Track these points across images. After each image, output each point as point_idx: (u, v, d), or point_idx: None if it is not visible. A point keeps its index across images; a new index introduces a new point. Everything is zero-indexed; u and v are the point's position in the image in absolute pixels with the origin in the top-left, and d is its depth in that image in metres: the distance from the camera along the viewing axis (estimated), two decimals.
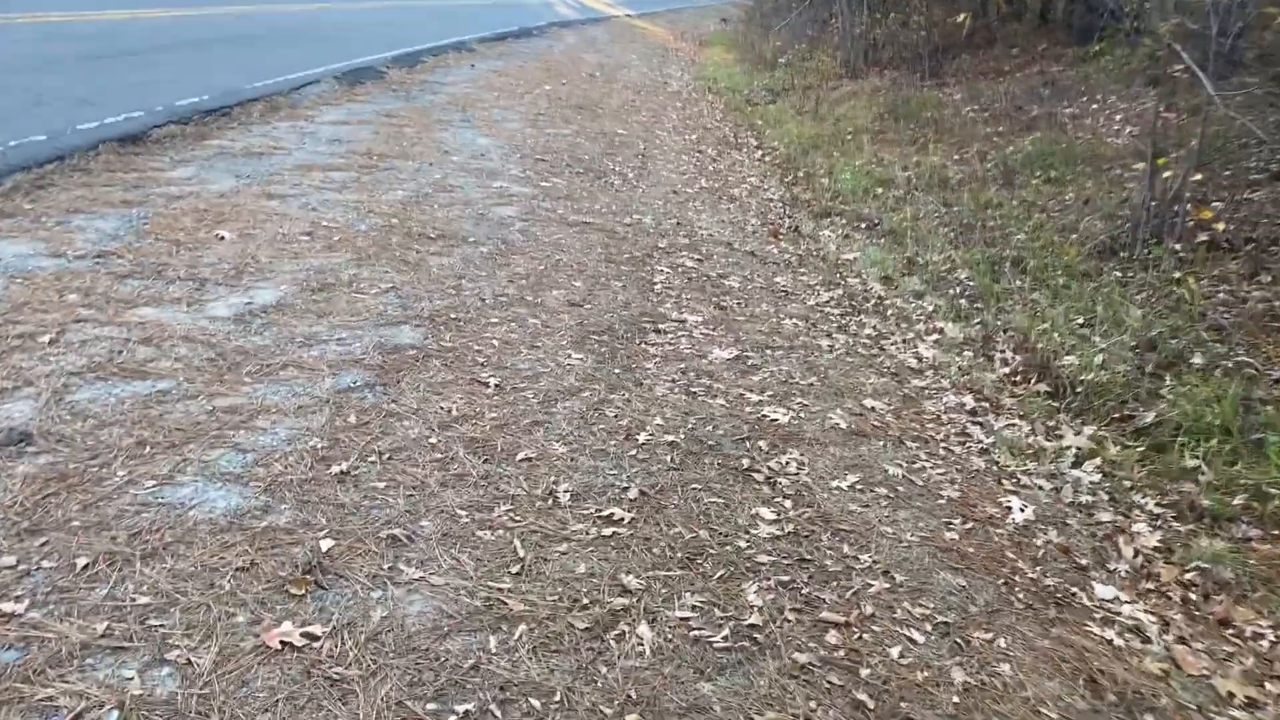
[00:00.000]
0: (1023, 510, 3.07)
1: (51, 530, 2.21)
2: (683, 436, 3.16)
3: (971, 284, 5.79)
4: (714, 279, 5.15)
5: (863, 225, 7.28)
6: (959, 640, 2.32)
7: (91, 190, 5.01)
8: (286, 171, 5.97)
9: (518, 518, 2.54)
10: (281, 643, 1.94)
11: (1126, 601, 2.66)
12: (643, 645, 2.10)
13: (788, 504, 2.83)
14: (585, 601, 2.23)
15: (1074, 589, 2.66)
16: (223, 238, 4.53)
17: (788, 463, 3.09)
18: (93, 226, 4.44)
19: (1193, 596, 2.76)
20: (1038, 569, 2.73)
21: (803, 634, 2.25)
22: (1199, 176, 5.72)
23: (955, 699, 2.11)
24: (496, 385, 3.35)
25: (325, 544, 2.29)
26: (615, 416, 3.25)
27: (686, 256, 5.52)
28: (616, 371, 3.65)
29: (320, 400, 3.04)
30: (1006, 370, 4.56)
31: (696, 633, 2.18)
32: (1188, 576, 2.86)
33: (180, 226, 4.61)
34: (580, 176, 7.33)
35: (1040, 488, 3.30)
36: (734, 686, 2.04)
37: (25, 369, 2.96)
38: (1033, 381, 4.41)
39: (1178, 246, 5.52)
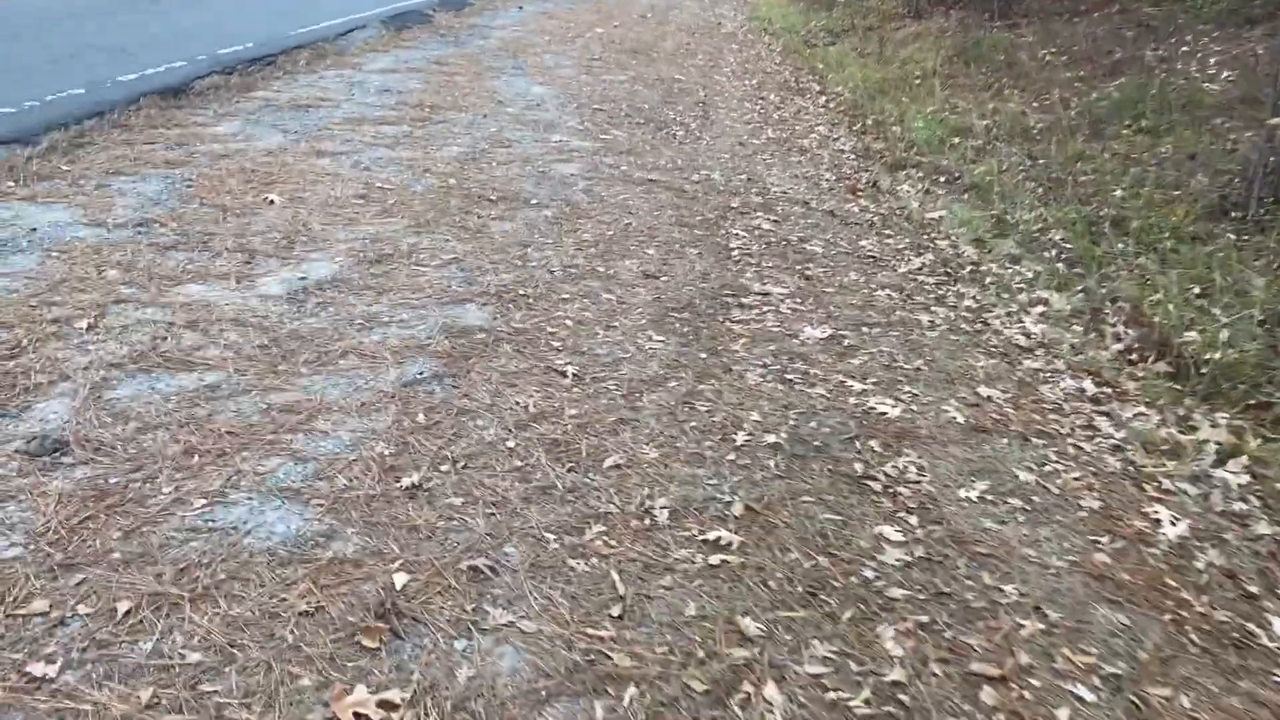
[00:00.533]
0: (1174, 524, 2.70)
1: (89, 565, 1.93)
2: (785, 436, 2.81)
3: (1069, 246, 5.35)
4: (794, 243, 4.76)
5: (942, 179, 6.82)
6: (1134, 698, 1.99)
7: (133, 149, 4.72)
8: (335, 126, 5.65)
9: (613, 542, 2.22)
10: (355, 715, 1.65)
11: None
12: (774, 714, 1.79)
13: (913, 520, 2.49)
14: (700, 654, 1.91)
15: (1250, 625, 2.31)
16: (272, 202, 4.23)
17: (906, 467, 2.74)
18: (134, 190, 4.15)
19: None
20: (1204, 600, 2.37)
21: (954, 692, 1.92)
22: None
23: None
24: (575, 375, 3.03)
25: (399, 579, 2.00)
26: (707, 411, 2.91)
27: (762, 218, 5.14)
28: (703, 355, 3.31)
29: (385, 395, 2.73)
30: (1120, 347, 4.15)
31: (833, 694, 1.86)
32: None
33: (226, 189, 4.31)
34: (641, 128, 6.93)
35: (1186, 493, 2.92)
36: None
37: (61, 360, 2.68)
38: (1151, 360, 4.00)
39: None
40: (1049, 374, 3.70)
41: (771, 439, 2.78)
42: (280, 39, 7.79)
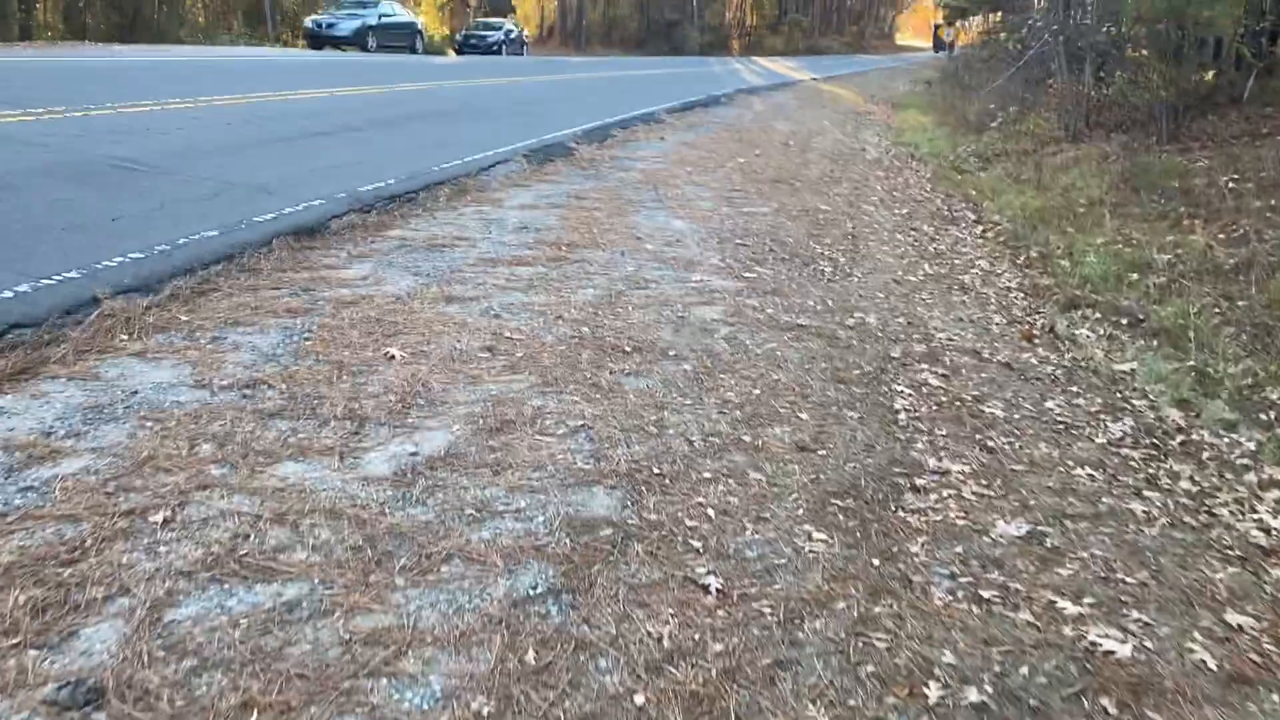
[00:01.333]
0: None
1: None
2: (990, 689, 2.20)
3: None
4: (969, 404, 4.16)
5: (1125, 321, 6.12)
6: None
7: (256, 295, 4.51)
8: (469, 267, 5.38)
9: None
10: None
11: None
12: None
13: None
14: None
15: None
16: (393, 357, 3.90)
17: None
18: (249, 344, 3.89)
19: None
20: None
21: None
22: None
23: None
24: (719, 590, 2.50)
25: None
26: (887, 650, 2.33)
27: (928, 372, 4.56)
28: (875, 562, 2.74)
29: (490, 620, 2.26)
30: None
31: None
32: None
33: (346, 342, 4.01)
34: (786, 264, 6.49)
35: None
36: None
37: (124, 567, 2.31)
38: None
39: None
40: None
41: (973, 694, 2.18)
42: (422, 174, 7.73)
